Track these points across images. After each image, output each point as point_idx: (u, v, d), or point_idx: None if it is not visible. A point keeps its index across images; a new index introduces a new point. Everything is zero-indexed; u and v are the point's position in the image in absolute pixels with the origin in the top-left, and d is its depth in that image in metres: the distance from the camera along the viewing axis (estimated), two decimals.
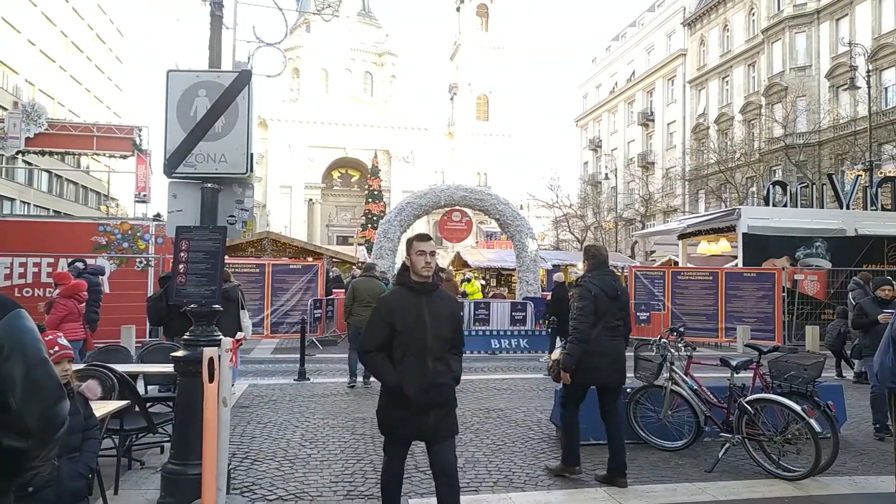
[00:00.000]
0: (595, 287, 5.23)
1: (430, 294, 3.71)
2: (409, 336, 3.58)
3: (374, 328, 3.67)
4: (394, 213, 18.14)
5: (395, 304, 3.68)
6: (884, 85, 30.13)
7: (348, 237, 57.66)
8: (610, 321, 5.22)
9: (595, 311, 5.17)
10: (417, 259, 3.68)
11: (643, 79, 52.26)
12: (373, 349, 3.65)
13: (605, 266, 5.45)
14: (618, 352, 5.24)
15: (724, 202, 35.45)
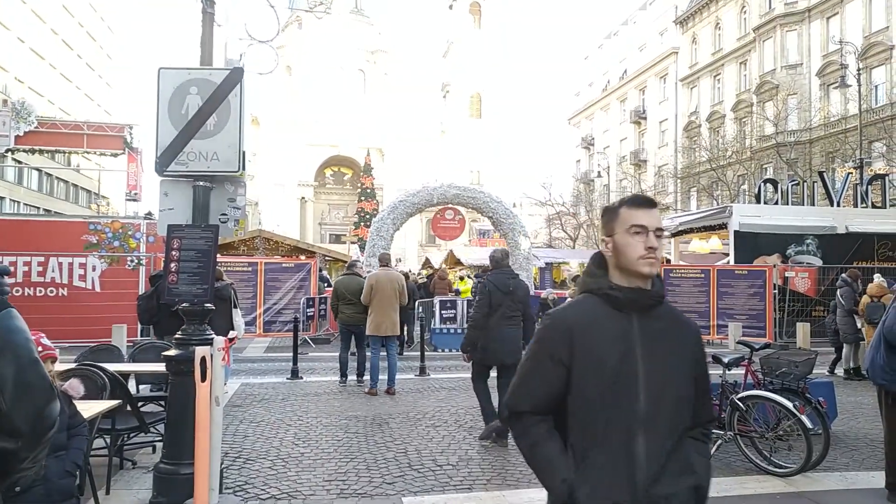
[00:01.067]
0: (490, 284, 6.37)
1: (648, 313, 1.87)
2: (601, 391, 1.79)
3: (530, 370, 1.91)
4: (387, 211, 18.11)
5: (575, 325, 1.86)
6: (874, 83, 30.31)
7: (341, 235, 57.55)
8: (505, 312, 6.26)
9: (490, 303, 6.25)
10: (632, 242, 1.86)
11: (635, 77, 52.38)
12: (527, 409, 1.89)
13: (501, 267, 6.54)
14: (512, 337, 6.28)
15: (715, 200, 35.57)
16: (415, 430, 6.70)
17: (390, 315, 8.76)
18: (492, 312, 6.24)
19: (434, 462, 5.59)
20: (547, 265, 29.00)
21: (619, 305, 1.84)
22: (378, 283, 8.80)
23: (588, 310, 1.88)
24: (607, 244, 1.91)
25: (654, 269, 1.85)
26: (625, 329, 1.83)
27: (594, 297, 1.89)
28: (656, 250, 1.85)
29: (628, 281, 1.86)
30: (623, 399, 1.77)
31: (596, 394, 1.78)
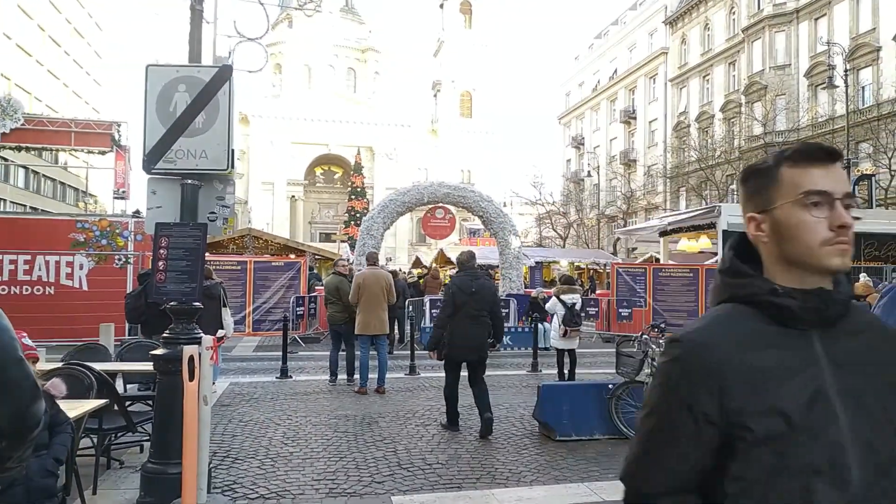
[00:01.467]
0: (454, 286, 6.78)
1: (835, 327, 1.20)
2: (782, 464, 1.10)
3: (658, 432, 1.21)
4: (377, 210, 18.09)
5: (724, 356, 1.15)
6: (861, 84, 30.58)
7: (331, 234, 57.36)
8: (469, 311, 6.58)
9: (453, 303, 6.61)
10: (808, 219, 1.19)
11: (625, 77, 52.57)
12: (662, 491, 1.19)
13: (466, 269, 6.88)
14: (477, 335, 6.62)
15: (704, 200, 35.78)
16: (404, 429, 6.71)
17: (378, 314, 8.76)
18: (455, 312, 6.61)
19: (423, 461, 5.60)
20: (537, 264, 29.08)
21: (791, 319, 1.18)
22: (365, 282, 8.82)
23: (740, 329, 1.19)
24: (759, 224, 1.24)
25: (847, 261, 1.19)
26: (806, 357, 1.16)
27: (745, 309, 1.22)
28: (849, 230, 1.18)
29: (801, 280, 1.20)
30: (823, 475, 1.09)
31: (772, 468, 1.10)
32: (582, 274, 32.24)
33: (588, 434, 6.35)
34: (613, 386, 6.41)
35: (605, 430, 6.39)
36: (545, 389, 6.55)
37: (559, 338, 9.23)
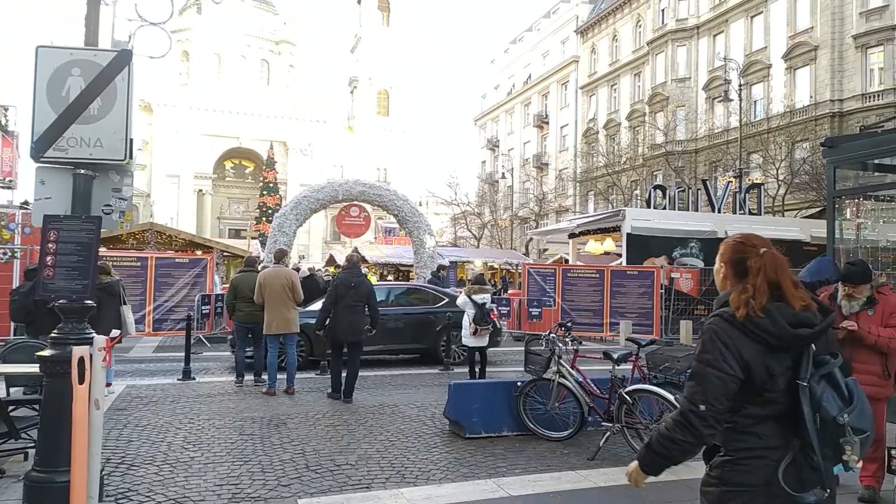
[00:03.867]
0: (337, 280, 8.50)
1: None
2: None
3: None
4: (290, 206, 17.71)
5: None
6: (753, 98, 32.83)
7: (241, 230, 55.59)
8: (349, 302, 8.17)
9: (336, 294, 8.19)
10: None
11: (539, 82, 53.97)
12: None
13: (351, 268, 8.55)
14: (353, 321, 8.20)
15: (611, 203, 37.31)
16: (313, 430, 6.59)
17: (282, 312, 8.58)
18: (338, 302, 8.16)
19: (332, 462, 5.52)
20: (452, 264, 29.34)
21: None
22: (266, 280, 8.64)
23: None
24: None
25: None
26: None
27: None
28: None
29: None
30: None
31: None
32: (495, 274, 32.80)
33: (497, 431, 6.47)
34: (522, 384, 6.56)
35: (513, 426, 6.53)
36: (455, 388, 6.62)
37: (470, 336, 9.35)
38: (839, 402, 2.05)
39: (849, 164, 8.53)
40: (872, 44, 27.91)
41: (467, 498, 4.72)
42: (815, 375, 2.06)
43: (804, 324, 2.08)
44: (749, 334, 2.07)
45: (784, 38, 31.47)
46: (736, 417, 2.11)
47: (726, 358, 2.06)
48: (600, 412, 6.17)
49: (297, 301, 8.74)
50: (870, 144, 8.16)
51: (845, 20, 28.78)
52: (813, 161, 24.26)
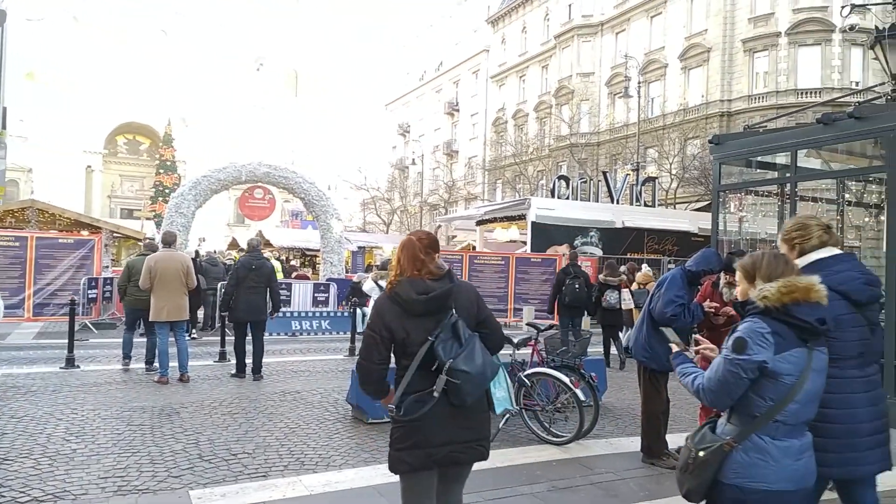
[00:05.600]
0: (239, 263, 8.79)
1: None
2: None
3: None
4: (188, 186, 16.88)
5: None
6: (651, 96, 34.48)
7: (135, 210, 52.54)
8: (250, 284, 8.43)
9: (237, 276, 8.45)
10: None
11: (450, 70, 54.21)
12: None
13: (252, 251, 8.78)
14: (253, 301, 8.47)
15: (517, 192, 38.18)
16: (209, 419, 6.35)
17: (174, 299, 8.21)
18: (239, 284, 8.42)
19: (228, 451, 5.35)
20: (360, 249, 29.09)
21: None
22: (158, 265, 8.18)
23: None
24: None
25: None
26: None
27: None
28: None
29: None
30: None
31: None
32: None
33: (382, 419, 6.47)
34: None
35: None
36: None
37: None
38: (454, 350, 2.64)
39: (733, 161, 9.14)
40: (759, 48, 29.98)
41: (367, 483, 4.71)
42: (446, 329, 2.67)
43: (426, 291, 2.69)
44: (393, 301, 2.72)
45: (681, 40, 33.19)
46: (399, 369, 2.72)
47: (377, 323, 2.71)
48: None
49: (190, 287, 8.43)
50: (752, 143, 8.76)
51: (736, 24, 30.72)
52: (703, 157, 25.83)
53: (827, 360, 2.47)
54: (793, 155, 8.02)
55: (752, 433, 2.35)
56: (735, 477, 2.35)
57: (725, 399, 2.39)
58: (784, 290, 2.38)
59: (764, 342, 2.33)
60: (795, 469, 2.35)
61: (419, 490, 2.76)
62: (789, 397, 2.32)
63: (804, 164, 8.61)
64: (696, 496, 2.45)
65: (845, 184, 10.08)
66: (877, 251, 9.56)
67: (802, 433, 2.42)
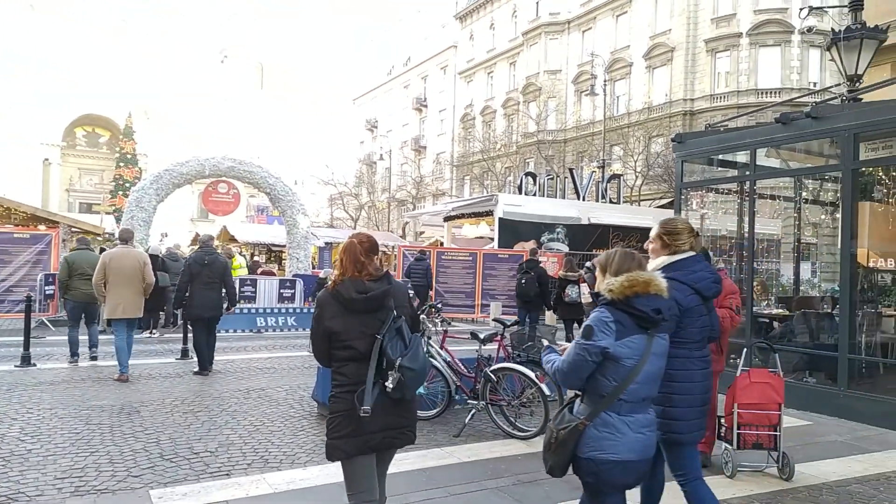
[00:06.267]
0: (191, 259, 8.81)
1: None
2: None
3: None
4: (149, 180, 16.53)
5: None
6: (616, 94, 34.91)
7: (94, 205, 51.21)
8: (204, 279, 8.41)
9: (190, 272, 8.43)
10: None
11: (419, 65, 54.05)
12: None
13: (204, 247, 8.79)
14: (210, 297, 8.48)
15: (485, 189, 38.30)
16: (170, 418, 6.24)
17: (130, 296, 8.11)
18: (193, 280, 8.41)
19: (190, 450, 5.26)
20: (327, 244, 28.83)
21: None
22: (113, 262, 8.07)
23: None
24: None
25: None
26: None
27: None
28: None
29: None
30: None
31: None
32: None
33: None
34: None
35: None
36: (324, 370, 6.52)
37: None
38: (401, 349, 2.92)
39: (695, 159, 9.31)
40: (721, 49, 30.57)
41: (332, 480, 4.67)
42: (391, 330, 2.94)
43: (365, 291, 2.96)
44: (335, 299, 2.97)
45: (645, 39, 33.66)
46: (333, 361, 3.00)
47: (318, 318, 2.99)
48: (467, 391, 6.34)
49: (147, 284, 8.33)
50: (713, 141, 8.94)
51: (699, 25, 31.27)
52: (667, 155, 26.27)
53: (667, 345, 2.82)
54: (752, 153, 8.21)
55: (601, 411, 2.67)
56: (589, 450, 2.67)
57: (575, 379, 2.73)
58: (626, 283, 2.70)
59: (607, 329, 2.65)
60: (639, 441, 2.68)
61: (361, 473, 3.00)
62: (630, 378, 2.65)
63: (764, 163, 8.83)
64: (559, 471, 2.76)
65: (802, 182, 10.37)
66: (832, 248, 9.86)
67: (646, 409, 2.76)
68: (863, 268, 8.04)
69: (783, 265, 12.81)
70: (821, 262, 15.11)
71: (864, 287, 8.16)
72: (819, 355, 7.86)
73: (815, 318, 8.70)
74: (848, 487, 4.79)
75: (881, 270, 8.84)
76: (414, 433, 3.14)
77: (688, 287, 3.30)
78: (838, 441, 6.12)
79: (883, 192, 8.98)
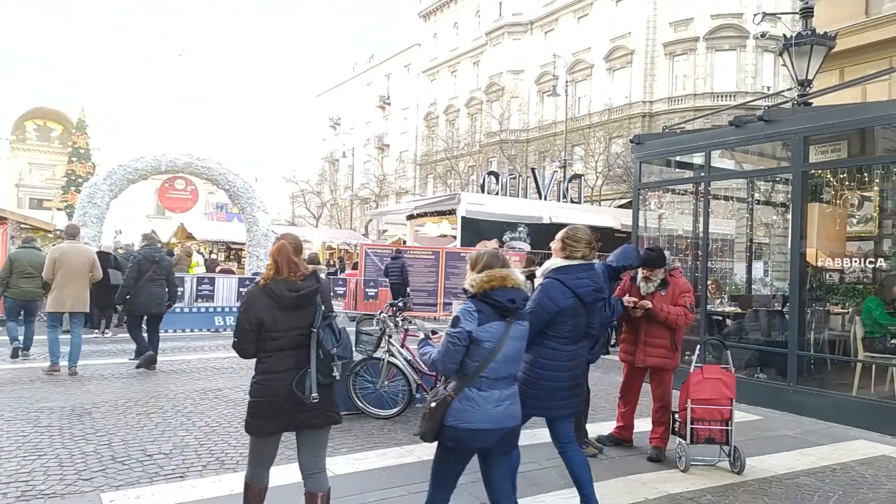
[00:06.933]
0: (140, 255, 8.85)
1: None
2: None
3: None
4: (103, 176, 16.10)
5: None
6: (578, 95, 35.33)
7: (44, 200, 49.50)
8: (151, 276, 8.57)
9: (139, 269, 8.54)
10: None
11: (382, 63, 53.78)
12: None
13: (150, 243, 9.08)
14: (156, 294, 8.64)
15: (448, 187, 38.37)
16: (123, 419, 6.08)
17: (78, 291, 8.30)
18: (140, 276, 8.51)
19: (143, 452, 5.13)
20: None
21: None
22: (63, 256, 8.23)
23: None
24: None
25: None
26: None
27: None
28: None
29: None
30: None
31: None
32: (333, 254, 32.41)
33: None
34: (352, 363, 6.55)
35: (343, 406, 6.43)
36: None
37: None
38: (333, 341, 3.27)
39: (653, 160, 9.49)
40: (679, 52, 31.22)
41: (289, 481, 4.61)
42: (323, 324, 3.27)
43: (297, 290, 3.25)
44: (267, 294, 3.23)
45: (606, 41, 34.15)
46: (260, 352, 3.25)
47: (249, 311, 3.22)
48: (427, 389, 6.34)
49: (95, 279, 8.61)
50: (670, 143, 9.12)
51: (658, 28, 31.88)
52: (626, 156, 26.71)
53: (525, 330, 3.29)
54: (707, 155, 8.41)
55: (465, 387, 3.10)
56: (452, 420, 3.09)
57: (451, 364, 3.11)
58: (485, 279, 3.17)
59: (470, 317, 3.10)
60: (494, 412, 3.12)
61: (265, 448, 3.40)
62: (490, 358, 3.09)
63: (719, 165, 9.05)
64: (430, 437, 3.17)
65: (755, 184, 10.67)
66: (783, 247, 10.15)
67: (506, 386, 3.20)
68: (812, 267, 8.31)
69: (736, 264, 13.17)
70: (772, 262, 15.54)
71: (812, 286, 8.44)
72: (769, 352, 8.10)
73: (766, 315, 8.96)
74: (796, 480, 4.95)
75: (829, 270, 9.16)
76: (338, 413, 3.44)
77: (569, 290, 3.86)
78: (787, 435, 6.32)
79: (831, 194, 9.30)
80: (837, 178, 9.10)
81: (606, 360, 8.64)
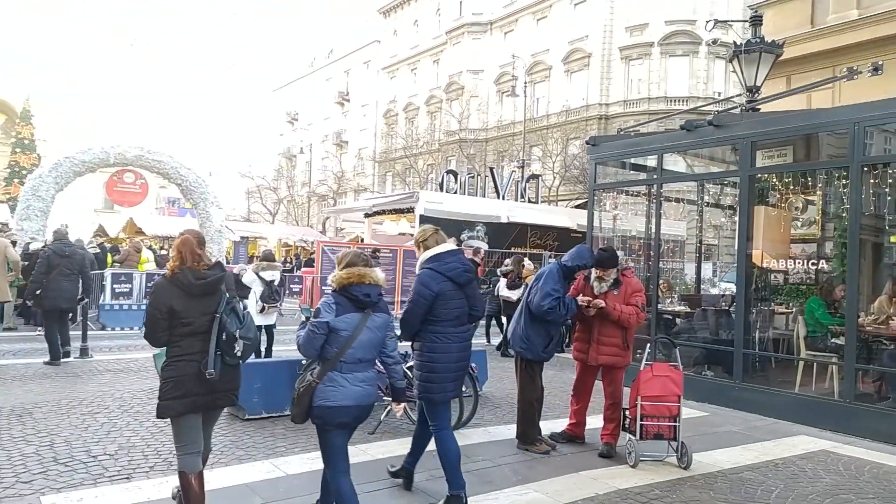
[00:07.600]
0: (49, 250, 9.04)
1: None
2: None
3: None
4: (48, 168, 15.52)
5: None
6: (536, 96, 35.68)
7: None
8: (63, 270, 8.76)
9: (49, 264, 8.68)
10: None
11: (341, 58, 53.28)
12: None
13: (61, 238, 9.19)
14: (67, 288, 8.78)
15: (407, 185, 38.27)
16: (66, 420, 5.87)
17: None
18: (50, 271, 8.62)
19: (87, 453, 4.97)
20: (243, 239, 28.02)
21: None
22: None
23: None
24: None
25: None
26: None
27: None
28: None
29: None
30: None
31: None
32: (290, 251, 31.98)
33: (279, 410, 6.31)
34: (306, 362, 6.46)
35: None
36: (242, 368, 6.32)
37: (257, 314, 9.00)
38: (237, 323, 3.56)
39: (609, 162, 9.65)
40: (634, 56, 31.83)
41: (240, 481, 4.55)
42: (227, 309, 3.55)
43: (203, 278, 3.52)
44: (175, 284, 3.49)
45: (564, 44, 34.57)
46: (173, 337, 3.48)
47: (159, 302, 3.45)
48: (382, 388, 6.30)
49: (15, 271, 9.08)
50: (625, 145, 9.29)
51: (614, 33, 32.43)
52: (583, 157, 27.09)
53: (383, 320, 3.66)
54: (659, 158, 8.60)
55: (327, 371, 3.46)
56: (318, 401, 3.45)
57: (311, 350, 3.48)
58: (345, 275, 3.56)
59: (329, 309, 3.50)
60: (354, 391, 3.49)
61: (188, 427, 3.56)
62: (347, 345, 3.48)
63: (672, 168, 9.26)
64: (300, 419, 3.53)
65: (705, 186, 10.96)
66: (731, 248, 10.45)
67: (365, 369, 3.58)
68: (757, 268, 8.59)
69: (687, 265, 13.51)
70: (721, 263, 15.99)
71: (758, 286, 8.72)
72: (717, 350, 8.34)
73: (714, 315, 9.22)
74: (740, 474, 5.11)
75: (774, 270, 9.48)
76: (237, 396, 3.78)
77: (441, 276, 4.18)
78: (733, 431, 6.52)
79: (777, 198, 9.62)
80: (783, 182, 9.43)
81: (560, 358, 8.75)
